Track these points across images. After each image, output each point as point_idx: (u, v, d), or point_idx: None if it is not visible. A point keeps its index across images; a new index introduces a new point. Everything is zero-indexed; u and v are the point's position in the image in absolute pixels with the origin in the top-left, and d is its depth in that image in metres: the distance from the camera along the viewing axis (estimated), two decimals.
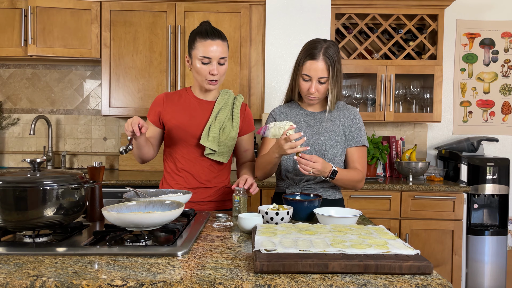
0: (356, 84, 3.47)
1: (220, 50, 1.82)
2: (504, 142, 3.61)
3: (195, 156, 1.93)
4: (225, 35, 1.89)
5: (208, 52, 1.81)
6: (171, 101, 1.96)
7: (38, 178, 1.28)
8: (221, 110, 1.93)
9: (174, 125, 1.91)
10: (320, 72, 1.81)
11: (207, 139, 1.88)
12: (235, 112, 1.96)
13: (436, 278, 1.03)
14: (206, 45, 1.81)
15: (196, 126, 1.91)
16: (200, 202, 1.95)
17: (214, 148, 1.89)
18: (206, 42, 1.81)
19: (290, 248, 1.13)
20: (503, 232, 3.10)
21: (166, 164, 2.00)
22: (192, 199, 1.92)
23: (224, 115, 1.93)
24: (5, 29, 3.19)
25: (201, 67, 1.84)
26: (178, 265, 1.11)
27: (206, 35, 1.82)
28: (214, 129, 1.89)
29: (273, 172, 1.90)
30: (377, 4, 3.24)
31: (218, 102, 1.94)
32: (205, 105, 1.95)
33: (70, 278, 1.00)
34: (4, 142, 3.63)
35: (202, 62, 1.83)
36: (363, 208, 2.96)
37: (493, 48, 3.60)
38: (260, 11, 3.23)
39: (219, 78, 1.87)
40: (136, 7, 3.20)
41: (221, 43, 1.83)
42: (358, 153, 1.93)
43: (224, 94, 1.98)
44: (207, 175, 1.95)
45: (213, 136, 1.89)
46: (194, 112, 1.93)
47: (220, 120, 1.91)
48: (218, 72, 1.85)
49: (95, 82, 3.63)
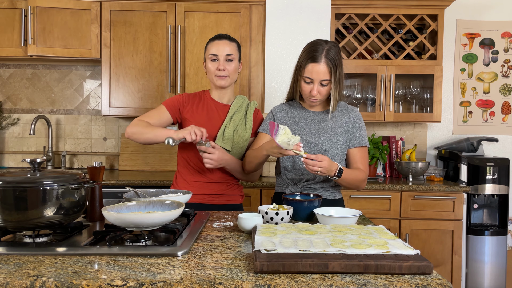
0: (356, 84, 3.47)
1: (227, 48, 1.98)
2: (504, 142, 3.62)
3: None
4: (235, 40, 2.06)
5: (215, 50, 1.98)
6: (192, 101, 2.08)
7: (38, 178, 1.28)
8: (236, 113, 2.05)
9: (193, 124, 1.99)
10: (322, 75, 1.81)
11: (222, 139, 2.00)
12: (248, 115, 2.07)
13: (436, 278, 1.03)
14: (214, 45, 2.00)
15: (212, 127, 2.02)
16: (213, 194, 2.05)
17: (228, 148, 2.00)
18: (214, 43, 2.01)
19: (290, 248, 1.13)
20: (503, 232, 3.11)
21: (181, 160, 2.09)
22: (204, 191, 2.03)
23: (239, 118, 2.04)
24: (5, 29, 3.19)
25: (210, 65, 2.00)
26: (178, 265, 1.11)
27: (215, 38, 2.02)
28: (229, 131, 2.00)
29: (258, 169, 1.98)
30: (377, 4, 3.24)
31: (233, 106, 2.06)
32: (221, 107, 2.07)
33: (70, 278, 1.00)
34: (4, 142, 3.63)
35: (211, 60, 2.00)
36: (363, 208, 2.96)
37: (493, 48, 3.60)
38: (260, 11, 3.23)
39: (228, 74, 2.00)
40: (136, 7, 3.20)
41: (228, 43, 2.00)
42: (360, 154, 1.93)
43: (239, 99, 2.10)
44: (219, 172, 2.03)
45: (228, 137, 2.00)
46: (212, 113, 2.05)
47: (234, 122, 2.02)
48: (226, 68, 1.98)
49: (95, 82, 3.63)
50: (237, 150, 2.03)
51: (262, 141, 1.96)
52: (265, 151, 1.77)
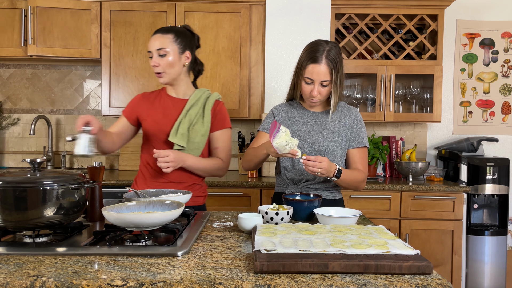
0: (356, 84, 3.47)
1: (157, 43, 1.88)
2: (504, 142, 3.62)
3: None
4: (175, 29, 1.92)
5: (149, 46, 1.91)
6: (147, 99, 2.01)
7: (38, 178, 1.28)
8: (192, 107, 1.95)
9: (148, 122, 1.96)
10: (322, 75, 1.81)
11: (175, 135, 1.90)
12: (206, 109, 1.96)
13: (436, 278, 1.03)
14: (149, 41, 1.92)
15: (168, 123, 1.94)
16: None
17: (182, 145, 1.90)
18: (150, 39, 1.92)
19: (290, 248, 1.13)
20: (503, 232, 3.10)
21: (141, 160, 2.05)
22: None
23: (195, 112, 1.94)
24: (5, 29, 3.19)
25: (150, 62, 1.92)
26: (178, 265, 1.11)
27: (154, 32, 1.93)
28: (184, 126, 1.91)
29: (258, 167, 1.94)
30: (377, 4, 3.24)
31: (190, 100, 1.96)
32: (178, 102, 1.98)
33: (70, 278, 1.00)
34: (4, 142, 3.63)
35: (149, 57, 1.92)
36: (363, 208, 2.96)
37: (493, 48, 3.60)
38: (260, 11, 3.23)
39: (162, 70, 1.90)
40: (136, 7, 3.20)
41: (160, 36, 1.89)
42: (359, 154, 1.93)
43: (198, 92, 2.00)
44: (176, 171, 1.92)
45: (182, 132, 1.90)
46: (167, 109, 1.97)
47: (190, 117, 1.93)
48: (159, 63, 1.88)
49: (95, 82, 3.63)
50: (193, 146, 1.93)
51: (262, 140, 1.95)
52: (265, 150, 1.77)
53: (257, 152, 1.86)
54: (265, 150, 1.77)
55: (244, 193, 2.93)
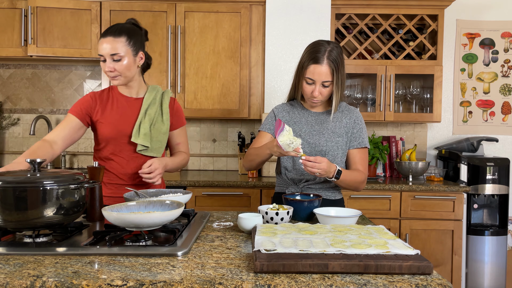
0: (356, 84, 3.47)
1: (109, 47, 1.79)
2: (504, 142, 3.61)
3: (128, 153, 1.91)
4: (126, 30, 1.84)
5: (100, 49, 1.82)
6: (100, 100, 1.93)
7: (38, 178, 1.28)
8: (150, 107, 1.93)
9: (106, 126, 1.89)
10: (324, 76, 1.80)
11: (138, 135, 1.88)
12: (164, 107, 1.96)
13: (436, 278, 1.03)
14: (100, 43, 1.82)
15: (126, 124, 1.90)
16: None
17: (146, 144, 1.89)
18: (100, 41, 1.82)
19: (290, 248, 1.13)
20: (503, 232, 3.10)
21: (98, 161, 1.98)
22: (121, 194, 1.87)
23: (154, 111, 1.93)
24: (5, 29, 3.19)
25: (102, 65, 1.84)
26: (178, 265, 1.11)
27: (103, 33, 1.83)
28: (145, 126, 1.89)
29: (259, 167, 1.95)
30: (377, 4, 3.24)
31: (146, 99, 1.94)
32: (133, 102, 1.94)
33: (70, 278, 1.00)
34: (4, 142, 3.63)
35: (101, 61, 1.84)
36: (363, 208, 2.96)
37: (493, 48, 3.60)
38: (260, 11, 3.23)
39: (118, 74, 1.83)
40: (136, 7, 3.20)
41: (112, 40, 1.80)
42: (360, 155, 1.93)
43: (151, 91, 1.97)
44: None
45: (144, 132, 1.88)
46: (124, 110, 1.92)
47: (150, 116, 1.91)
48: (115, 68, 1.82)
49: (95, 82, 3.63)
50: (156, 145, 1.93)
51: (263, 140, 1.95)
52: (268, 150, 1.76)
53: (259, 152, 1.85)
54: (268, 150, 1.76)
55: (244, 193, 2.93)
